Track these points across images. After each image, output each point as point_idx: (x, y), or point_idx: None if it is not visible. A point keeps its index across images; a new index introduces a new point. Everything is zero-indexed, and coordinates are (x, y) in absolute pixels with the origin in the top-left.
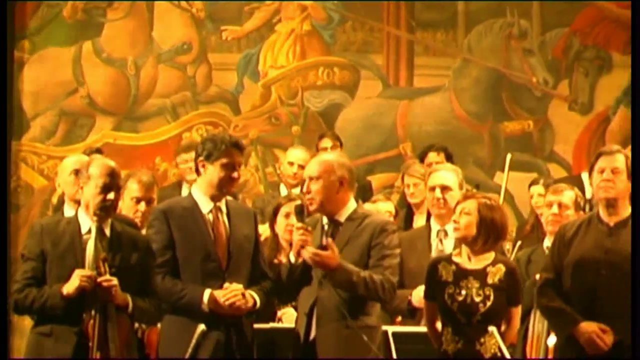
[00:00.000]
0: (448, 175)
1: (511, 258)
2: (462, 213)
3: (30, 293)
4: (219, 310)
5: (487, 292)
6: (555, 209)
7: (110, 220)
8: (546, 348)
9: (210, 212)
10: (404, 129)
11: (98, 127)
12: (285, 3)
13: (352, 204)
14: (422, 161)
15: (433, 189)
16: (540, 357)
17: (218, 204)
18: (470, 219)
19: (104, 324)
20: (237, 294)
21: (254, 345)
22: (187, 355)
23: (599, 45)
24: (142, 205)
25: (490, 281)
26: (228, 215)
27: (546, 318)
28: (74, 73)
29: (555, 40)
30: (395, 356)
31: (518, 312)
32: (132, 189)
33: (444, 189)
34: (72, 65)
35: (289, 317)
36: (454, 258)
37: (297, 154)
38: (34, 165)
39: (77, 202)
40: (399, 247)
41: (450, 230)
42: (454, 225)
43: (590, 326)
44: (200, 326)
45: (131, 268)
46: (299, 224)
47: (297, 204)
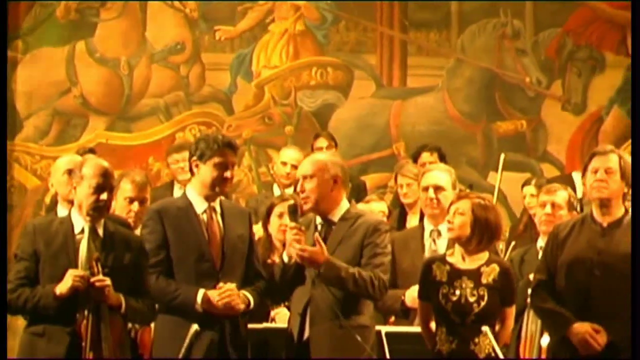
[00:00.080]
0: (441, 175)
1: (504, 258)
2: (456, 213)
3: (23, 293)
4: (212, 311)
5: (481, 292)
6: (548, 209)
7: (103, 220)
8: (539, 348)
9: (205, 212)
10: (397, 129)
11: (91, 127)
12: (278, 3)
13: (345, 204)
14: (416, 161)
15: (426, 189)
16: (534, 357)
17: (212, 204)
18: (464, 219)
19: (97, 324)
20: (232, 293)
21: (248, 345)
22: (181, 355)
23: (592, 45)
24: (135, 205)
25: (484, 281)
26: (222, 215)
27: (540, 319)
28: (67, 73)
29: (549, 40)
30: (388, 356)
31: (512, 312)
32: (125, 189)
33: (437, 189)
34: (65, 65)
35: (282, 317)
36: (448, 258)
37: (291, 154)
38: (27, 165)
39: (70, 202)
40: (390, 246)
41: (444, 230)
42: (448, 226)
43: (584, 326)
44: (194, 326)
45: (124, 268)
46: (293, 224)
47: (291, 203)
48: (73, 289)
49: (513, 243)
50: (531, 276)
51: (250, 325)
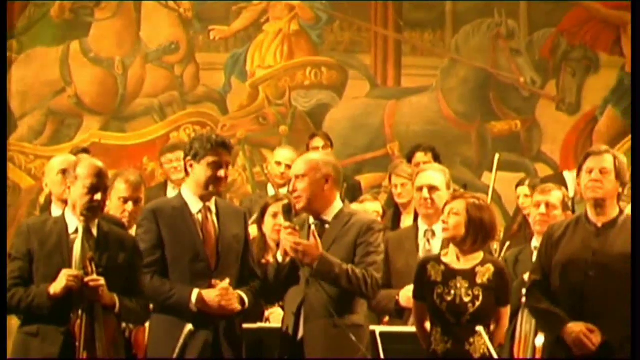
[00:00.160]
0: (435, 175)
1: (499, 258)
2: (451, 213)
3: (17, 293)
4: (207, 310)
5: (476, 292)
6: (543, 209)
7: (97, 220)
8: (534, 348)
9: (200, 212)
10: (391, 129)
11: (86, 127)
12: (273, 3)
13: (339, 204)
14: (410, 161)
15: (420, 189)
16: (528, 357)
17: (207, 203)
18: (459, 219)
19: (91, 324)
20: (228, 292)
21: (243, 345)
22: (175, 355)
23: (586, 46)
24: (130, 205)
25: (479, 281)
26: (217, 215)
27: (535, 319)
28: (62, 73)
29: (543, 40)
30: (383, 356)
31: (507, 312)
32: (120, 188)
33: (432, 189)
34: (60, 64)
35: (276, 317)
36: (442, 258)
37: (285, 154)
38: (21, 165)
39: (65, 202)
40: (383, 245)
41: (438, 230)
42: (443, 226)
43: (578, 326)
44: (188, 326)
45: (118, 268)
46: (287, 224)
47: (285, 203)
48: (67, 289)
49: (508, 243)
50: (526, 276)
51: (244, 325)
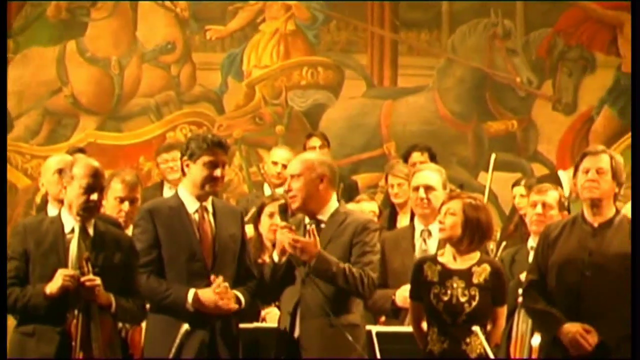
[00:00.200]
0: (432, 175)
1: (495, 258)
2: (448, 213)
3: (13, 292)
4: (203, 310)
5: (473, 292)
6: (539, 208)
7: (93, 220)
8: (530, 348)
9: (197, 212)
10: (387, 128)
11: (82, 127)
12: (269, 3)
13: (334, 203)
14: (406, 161)
15: (417, 188)
16: (524, 357)
17: (204, 203)
18: (455, 219)
19: (87, 323)
20: (227, 291)
21: (239, 345)
22: (171, 355)
23: (583, 46)
24: (126, 205)
25: (475, 281)
26: (214, 214)
27: (531, 319)
28: (58, 72)
29: (539, 40)
30: (379, 356)
31: (504, 312)
32: (116, 188)
33: (428, 188)
34: (56, 64)
35: (272, 317)
36: (439, 258)
37: (281, 154)
38: (17, 164)
39: (61, 202)
40: (379, 245)
41: (434, 230)
42: (440, 226)
43: (574, 326)
44: (184, 326)
45: (114, 268)
46: (283, 223)
47: (281, 203)
48: (63, 289)
49: (504, 243)
50: (522, 276)
51: (241, 325)
